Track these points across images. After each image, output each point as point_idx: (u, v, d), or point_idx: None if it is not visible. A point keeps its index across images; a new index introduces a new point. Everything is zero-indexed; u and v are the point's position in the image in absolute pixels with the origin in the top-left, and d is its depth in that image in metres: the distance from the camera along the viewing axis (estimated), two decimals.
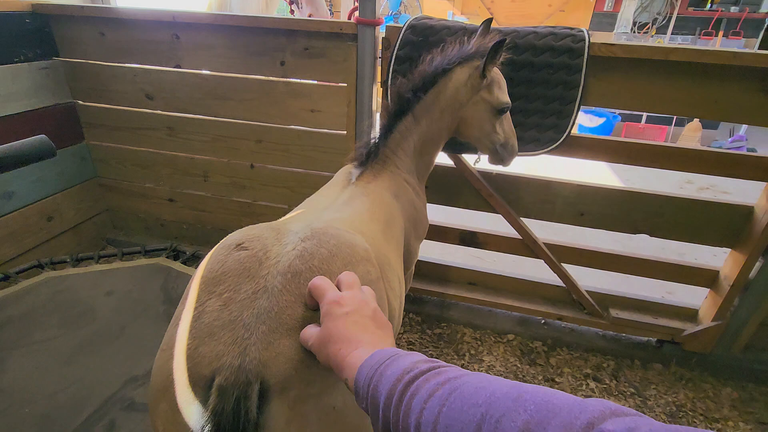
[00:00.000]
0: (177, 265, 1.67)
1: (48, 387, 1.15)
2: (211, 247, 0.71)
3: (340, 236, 0.71)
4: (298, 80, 1.64)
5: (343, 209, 0.90)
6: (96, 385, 1.18)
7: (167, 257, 1.77)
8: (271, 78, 1.66)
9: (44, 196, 1.91)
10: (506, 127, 1.21)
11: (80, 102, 1.95)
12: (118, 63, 1.82)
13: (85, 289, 1.51)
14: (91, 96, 1.93)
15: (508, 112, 1.20)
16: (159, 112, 1.87)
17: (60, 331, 1.33)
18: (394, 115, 1.14)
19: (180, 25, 1.65)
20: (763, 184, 1.42)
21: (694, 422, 1.52)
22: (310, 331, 0.56)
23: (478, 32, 1.24)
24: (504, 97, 1.16)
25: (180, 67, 1.74)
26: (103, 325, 1.37)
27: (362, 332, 0.53)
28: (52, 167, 1.92)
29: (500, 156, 1.24)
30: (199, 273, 0.64)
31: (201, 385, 0.54)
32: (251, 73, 1.68)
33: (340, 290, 0.59)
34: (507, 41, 1.06)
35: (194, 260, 1.80)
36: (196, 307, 0.59)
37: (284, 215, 0.99)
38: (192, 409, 0.53)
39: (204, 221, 2.09)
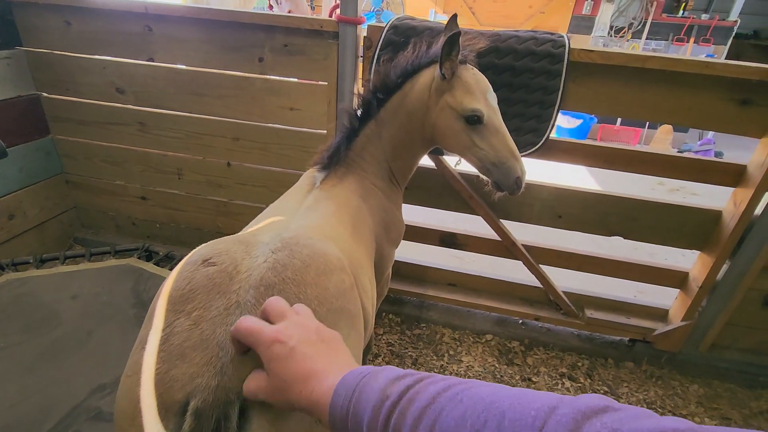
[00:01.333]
0: (149, 266, 1.61)
1: (8, 397, 1.09)
2: (185, 248, 0.68)
3: (313, 245, 0.68)
4: (277, 77, 1.60)
5: (308, 215, 0.87)
6: (60, 395, 1.12)
7: (139, 258, 1.70)
8: (248, 74, 1.62)
9: (5, 193, 1.81)
10: (495, 142, 1.03)
11: (45, 94, 1.86)
12: (86, 54, 1.73)
13: (49, 292, 1.44)
14: (56, 88, 1.83)
15: (500, 125, 1.05)
16: (130, 106, 1.79)
17: (22, 337, 1.27)
18: (359, 119, 1.10)
19: (153, 17, 1.59)
20: (731, 188, 1.47)
21: None
22: (257, 384, 0.50)
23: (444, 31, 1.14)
24: (470, 102, 1.00)
25: (153, 61, 1.68)
26: (69, 330, 1.31)
27: (316, 361, 0.48)
28: (14, 162, 1.82)
29: (495, 178, 1.06)
30: (164, 292, 0.61)
31: (174, 411, 0.51)
32: (228, 69, 1.63)
33: (270, 321, 0.52)
34: (460, 35, 0.94)
35: (167, 261, 1.74)
36: (163, 328, 0.56)
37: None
38: None
39: (178, 220, 2.02)
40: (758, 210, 1.40)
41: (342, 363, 0.49)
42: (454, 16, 1.13)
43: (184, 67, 1.68)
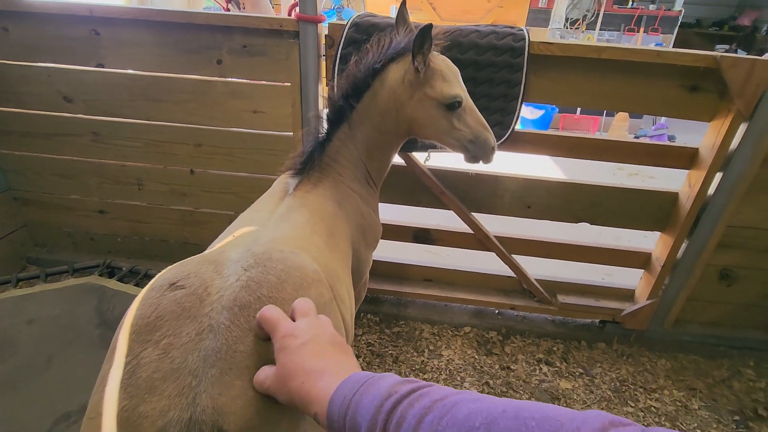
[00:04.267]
0: (112, 283, 1.53)
1: None
2: (151, 261, 0.64)
3: (287, 260, 0.65)
4: (238, 80, 1.55)
5: (280, 225, 0.82)
6: (21, 427, 1.05)
7: (100, 275, 1.62)
8: (208, 78, 1.56)
9: None
10: (470, 121, 1.07)
11: None
12: (28, 62, 1.62)
13: (2, 319, 1.34)
14: None
15: (472, 104, 1.08)
16: (80, 116, 1.69)
17: None
18: (331, 123, 1.07)
19: (99, 20, 1.50)
20: (686, 171, 1.55)
21: (636, 394, 1.64)
22: (265, 373, 0.51)
23: (397, 21, 1.12)
24: (450, 89, 1.02)
25: (103, 67, 1.59)
26: (26, 357, 1.23)
27: (323, 360, 0.49)
28: None
29: (473, 153, 1.10)
30: (126, 322, 0.56)
31: None
32: (185, 73, 1.57)
33: (294, 319, 0.55)
34: (433, 28, 0.94)
35: (132, 276, 1.66)
36: (129, 361, 0.52)
37: (230, 222, 0.92)
38: None
39: (141, 233, 1.93)
40: (711, 190, 1.48)
41: (348, 367, 0.50)
42: (404, 3, 1.13)
43: (137, 72, 1.60)
